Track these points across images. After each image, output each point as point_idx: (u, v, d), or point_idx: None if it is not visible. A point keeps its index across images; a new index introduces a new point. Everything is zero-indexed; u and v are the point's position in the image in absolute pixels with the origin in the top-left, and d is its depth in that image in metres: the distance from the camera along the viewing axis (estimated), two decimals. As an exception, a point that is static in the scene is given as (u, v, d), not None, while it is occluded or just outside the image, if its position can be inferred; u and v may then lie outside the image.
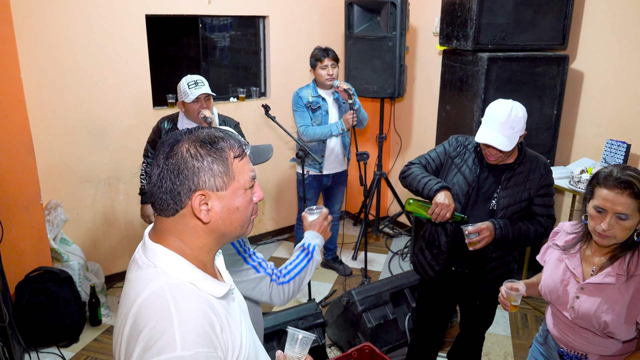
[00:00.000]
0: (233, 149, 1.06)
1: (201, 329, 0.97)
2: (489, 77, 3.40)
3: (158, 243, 1.06)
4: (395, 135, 4.86)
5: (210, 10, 3.95)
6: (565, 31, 3.47)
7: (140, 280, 1.03)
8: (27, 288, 3.10)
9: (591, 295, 1.71)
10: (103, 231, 3.85)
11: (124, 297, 1.06)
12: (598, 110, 3.53)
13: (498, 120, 2.06)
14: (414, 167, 2.36)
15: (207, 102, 2.97)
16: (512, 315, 3.56)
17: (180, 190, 1.02)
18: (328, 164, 3.77)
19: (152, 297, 0.99)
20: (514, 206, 2.19)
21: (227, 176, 1.04)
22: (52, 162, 3.51)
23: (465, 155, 2.29)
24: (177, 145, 1.03)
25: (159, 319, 0.95)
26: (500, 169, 2.22)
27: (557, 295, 1.81)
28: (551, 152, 3.65)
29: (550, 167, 2.28)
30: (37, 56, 3.31)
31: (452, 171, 2.29)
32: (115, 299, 3.76)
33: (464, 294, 2.46)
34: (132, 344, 0.97)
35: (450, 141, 2.36)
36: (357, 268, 4.23)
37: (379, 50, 4.02)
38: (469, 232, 2.11)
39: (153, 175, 1.05)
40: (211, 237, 1.08)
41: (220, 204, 1.05)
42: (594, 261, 1.75)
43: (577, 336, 1.79)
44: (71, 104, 3.50)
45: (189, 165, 1.01)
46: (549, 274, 1.86)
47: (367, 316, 2.97)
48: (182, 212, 1.04)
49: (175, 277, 1.02)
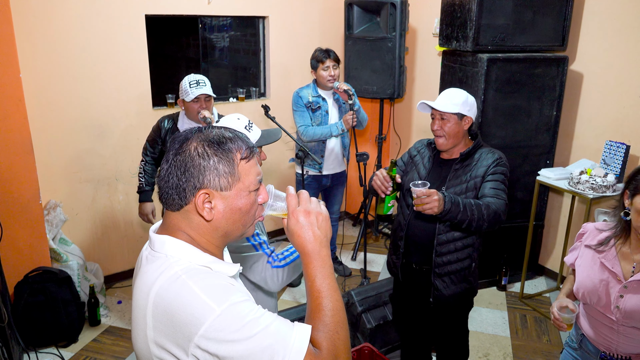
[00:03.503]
0: (240, 151, 1.08)
1: (224, 287, 1.00)
2: (488, 78, 3.41)
3: (165, 235, 1.09)
4: (394, 135, 4.86)
5: (210, 10, 3.94)
6: (564, 32, 3.48)
7: (152, 271, 1.04)
8: (26, 288, 3.09)
9: (637, 292, 1.68)
10: (102, 231, 3.85)
11: (137, 290, 1.06)
12: (597, 111, 3.53)
13: (443, 94, 2.28)
14: None
15: (207, 103, 2.96)
16: (512, 316, 3.55)
17: (185, 187, 1.04)
18: (327, 165, 3.77)
19: (168, 282, 1.00)
20: (461, 195, 2.20)
21: (232, 177, 1.06)
22: (52, 162, 3.50)
23: (423, 153, 2.42)
24: (187, 143, 1.05)
25: (182, 295, 0.97)
26: (448, 164, 2.32)
27: (598, 296, 1.75)
28: (550, 153, 3.66)
29: (503, 161, 2.26)
30: (37, 56, 3.30)
31: (410, 169, 2.42)
32: (115, 299, 3.76)
33: (419, 292, 2.40)
34: (169, 331, 0.98)
35: (415, 144, 2.50)
36: (357, 269, 4.23)
37: (379, 51, 4.02)
38: (417, 195, 2.00)
39: (162, 169, 1.07)
40: (215, 234, 1.10)
41: (223, 203, 1.06)
42: (634, 258, 1.71)
43: (622, 338, 1.74)
44: (71, 104, 3.49)
45: (196, 163, 1.04)
46: (586, 276, 1.80)
47: (366, 317, 2.97)
48: (187, 208, 1.06)
49: (187, 262, 1.04)
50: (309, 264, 1.11)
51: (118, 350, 3.20)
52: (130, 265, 4.02)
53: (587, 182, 3.15)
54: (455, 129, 2.23)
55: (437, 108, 2.22)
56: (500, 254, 3.81)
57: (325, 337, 1.03)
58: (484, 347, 3.23)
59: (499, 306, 3.68)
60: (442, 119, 2.23)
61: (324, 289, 1.08)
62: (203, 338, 0.94)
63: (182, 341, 0.96)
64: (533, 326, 3.44)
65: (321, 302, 1.07)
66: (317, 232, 1.13)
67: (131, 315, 1.12)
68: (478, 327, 3.43)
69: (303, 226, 1.12)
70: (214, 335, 0.94)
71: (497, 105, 3.50)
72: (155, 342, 1.01)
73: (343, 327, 1.06)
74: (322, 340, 1.03)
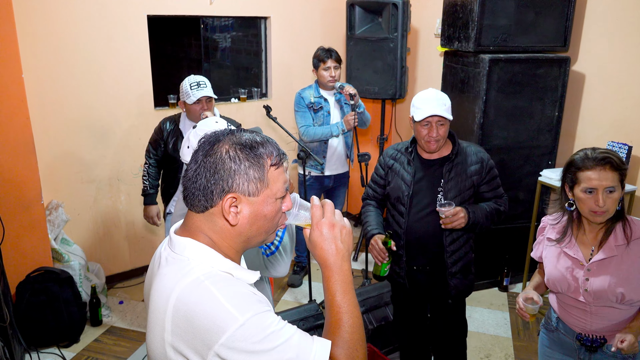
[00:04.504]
0: (271, 157, 1.07)
1: (247, 296, 1.00)
2: (490, 78, 3.40)
3: (187, 237, 1.08)
4: (396, 136, 4.85)
5: (211, 10, 3.95)
6: (566, 33, 3.46)
7: (172, 274, 1.03)
8: (27, 288, 3.09)
9: (600, 273, 1.78)
10: (104, 232, 3.85)
11: (155, 292, 1.05)
12: (599, 112, 3.52)
13: (431, 98, 2.23)
14: (364, 205, 2.52)
15: (209, 104, 2.97)
16: (513, 317, 3.55)
17: (213, 189, 1.03)
18: (330, 165, 3.77)
19: (190, 287, 0.99)
20: (460, 196, 2.27)
21: (261, 182, 1.05)
22: (54, 162, 3.51)
23: (400, 159, 2.39)
24: (218, 145, 1.05)
25: (205, 302, 0.96)
26: (438, 163, 2.32)
27: (567, 284, 1.84)
28: (552, 154, 3.65)
29: (486, 153, 2.37)
30: (39, 56, 3.31)
31: (392, 178, 2.39)
32: (116, 299, 3.76)
33: (434, 295, 2.47)
34: (188, 337, 0.97)
35: (384, 155, 2.47)
36: (358, 269, 4.22)
37: (381, 52, 4.01)
38: (445, 215, 2.17)
39: (189, 169, 1.06)
40: (238, 239, 1.09)
41: (249, 208, 1.06)
42: (590, 241, 1.83)
43: (594, 317, 1.83)
44: (73, 104, 3.50)
45: (226, 166, 1.03)
46: (553, 267, 1.90)
47: (367, 317, 2.97)
48: (212, 211, 1.06)
49: (209, 267, 1.03)
50: (330, 277, 1.10)
51: (119, 351, 3.20)
52: (132, 265, 4.03)
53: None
54: (447, 131, 2.28)
55: (447, 117, 2.21)
56: (501, 255, 3.80)
57: (344, 353, 1.03)
58: (485, 348, 3.22)
59: (501, 307, 3.68)
60: (440, 124, 2.23)
61: (345, 304, 1.08)
62: (224, 347, 0.94)
63: (201, 348, 0.96)
64: (535, 327, 3.43)
65: (341, 318, 1.06)
66: (340, 246, 1.11)
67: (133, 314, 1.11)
68: (479, 327, 3.42)
69: (326, 239, 1.11)
70: (235, 345, 0.93)
71: (499, 106, 3.49)
72: (172, 347, 1.00)
73: (362, 344, 1.06)
74: (342, 357, 1.02)
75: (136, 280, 4.00)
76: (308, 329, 2.84)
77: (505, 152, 3.59)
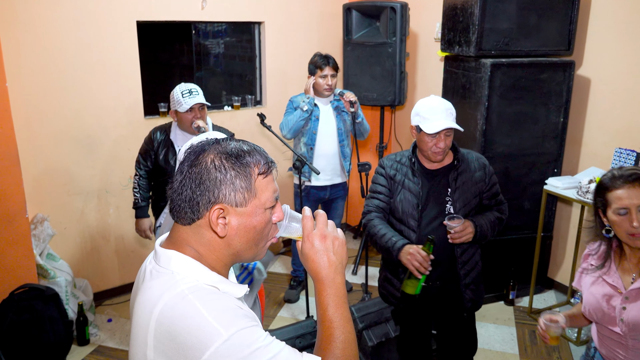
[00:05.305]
0: (258, 165, 1.06)
1: (232, 310, 0.98)
2: (492, 83, 3.37)
3: (172, 250, 1.06)
4: (396, 144, 4.79)
5: (203, 16, 3.91)
6: (570, 36, 3.44)
7: (156, 288, 1.01)
8: (11, 306, 3.01)
9: (637, 300, 1.69)
10: (92, 246, 3.78)
11: (139, 307, 1.03)
12: (606, 117, 3.46)
13: (440, 109, 2.16)
14: (373, 218, 2.33)
15: (201, 112, 2.92)
16: (520, 333, 3.44)
17: (199, 200, 1.02)
18: (324, 175, 3.64)
19: (174, 301, 0.98)
20: (468, 205, 2.25)
21: (248, 192, 1.04)
22: (39, 174, 3.45)
23: (402, 170, 2.31)
24: (203, 155, 1.04)
25: (189, 317, 0.95)
26: (442, 173, 2.27)
27: (602, 312, 1.76)
28: (558, 161, 3.59)
29: (485, 159, 2.36)
30: (24, 64, 3.25)
31: (397, 190, 2.30)
32: (104, 317, 3.67)
33: (447, 309, 2.39)
34: (171, 353, 0.96)
35: (383, 165, 2.36)
36: (358, 283, 4.14)
37: (379, 57, 3.98)
38: (455, 231, 2.12)
39: (175, 181, 1.05)
40: (226, 252, 1.07)
41: (237, 220, 1.04)
42: (632, 268, 1.74)
43: (629, 352, 1.74)
44: (59, 114, 3.44)
45: (212, 176, 1.02)
46: (590, 294, 1.82)
47: (367, 334, 2.91)
48: (199, 223, 1.04)
49: (194, 281, 1.02)
50: (322, 291, 1.08)
51: (107, 372, 3.09)
52: (121, 281, 3.95)
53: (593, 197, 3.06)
54: (451, 140, 2.23)
55: (456, 127, 2.16)
56: (507, 267, 3.71)
57: None
58: (492, 366, 3.10)
59: (507, 322, 3.57)
60: (447, 135, 2.18)
61: (337, 319, 1.06)
62: None
63: (175, 357, 0.95)
64: (543, 343, 3.32)
65: (332, 333, 1.04)
66: (333, 258, 1.10)
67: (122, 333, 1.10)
68: (485, 344, 3.31)
69: (318, 251, 1.10)
70: None
71: (502, 112, 3.44)
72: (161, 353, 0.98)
73: None
74: None
75: (126, 297, 3.90)
76: (305, 346, 2.78)
77: (509, 160, 3.53)
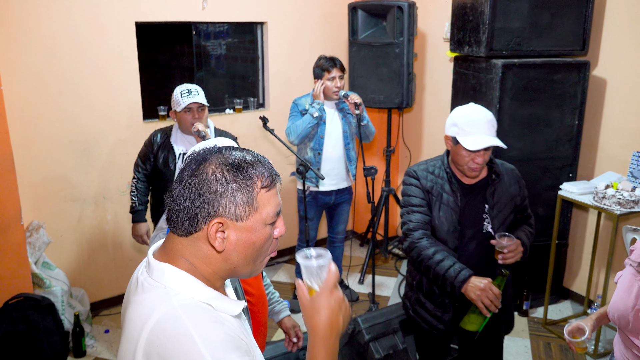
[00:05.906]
0: (261, 178, 1.02)
1: (225, 337, 0.96)
2: (503, 85, 3.31)
3: (166, 263, 1.03)
4: (404, 148, 4.73)
5: (204, 16, 3.85)
6: (585, 35, 3.38)
7: (148, 302, 0.99)
8: (5, 317, 2.96)
9: None
10: (89, 254, 3.72)
11: (129, 322, 1.02)
12: (623, 119, 3.38)
13: (482, 122, 2.00)
14: (422, 237, 2.10)
15: (200, 114, 2.87)
16: (535, 346, 3.33)
17: (198, 212, 0.99)
18: (329, 180, 3.56)
19: (165, 319, 0.95)
20: (505, 222, 2.13)
21: (249, 206, 1.01)
22: (35, 180, 3.41)
23: (438, 183, 2.13)
24: (204, 165, 1.00)
25: (180, 341, 0.93)
26: (478, 188, 2.13)
27: (627, 321, 1.66)
28: (573, 166, 3.51)
29: (517, 171, 2.27)
30: (19, 66, 3.22)
31: (435, 205, 2.13)
32: (102, 328, 3.60)
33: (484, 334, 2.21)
34: None
35: (417, 175, 2.16)
36: (365, 293, 4.05)
37: (386, 58, 3.93)
38: (508, 250, 2.00)
39: (174, 189, 1.03)
40: (223, 266, 1.05)
41: (236, 234, 1.01)
42: None
43: None
44: (55, 118, 3.40)
45: (212, 188, 0.99)
46: (619, 297, 1.71)
47: (374, 346, 2.83)
48: (196, 235, 1.01)
49: (188, 297, 0.99)
50: (316, 345, 1.07)
51: (103, 386, 3.02)
52: (119, 290, 3.88)
53: (613, 197, 3.00)
54: None
55: (504, 147, 2.00)
56: (521, 276, 3.60)
57: None
58: (505, 381, 2.98)
59: (521, 333, 3.46)
60: (487, 150, 2.02)
61: None
62: None
63: None
64: (558, 355, 3.22)
65: None
66: (340, 323, 1.09)
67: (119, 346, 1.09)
68: (498, 357, 3.19)
69: (333, 309, 1.08)
70: None
71: (514, 115, 3.37)
72: None
73: None
74: None
75: (124, 306, 3.81)
76: None
77: (521, 164, 3.35)
